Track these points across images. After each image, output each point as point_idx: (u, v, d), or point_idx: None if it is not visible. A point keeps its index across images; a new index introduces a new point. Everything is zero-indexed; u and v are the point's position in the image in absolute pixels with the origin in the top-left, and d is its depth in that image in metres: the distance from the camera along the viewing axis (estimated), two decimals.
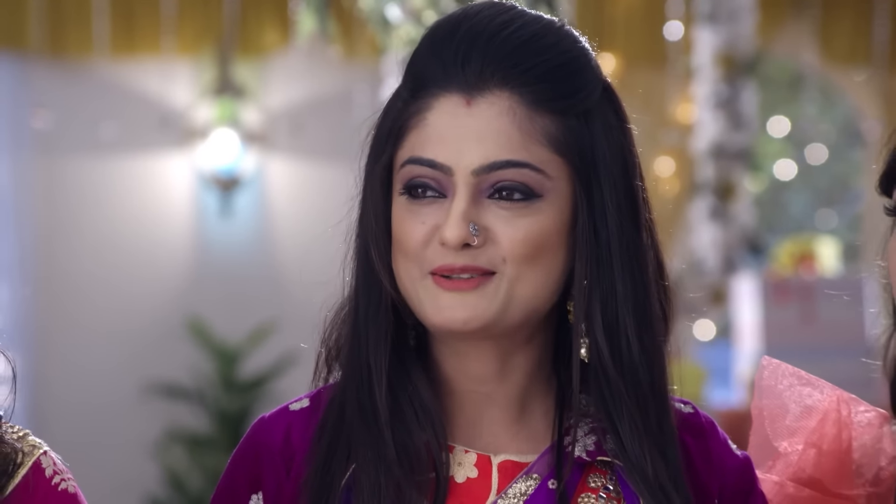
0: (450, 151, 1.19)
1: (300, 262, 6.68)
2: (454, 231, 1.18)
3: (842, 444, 1.30)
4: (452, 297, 1.19)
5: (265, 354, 6.36)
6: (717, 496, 1.24)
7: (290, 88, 6.66)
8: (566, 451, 1.22)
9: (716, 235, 5.40)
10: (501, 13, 1.22)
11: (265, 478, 1.24)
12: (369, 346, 1.21)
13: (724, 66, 5.53)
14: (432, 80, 1.20)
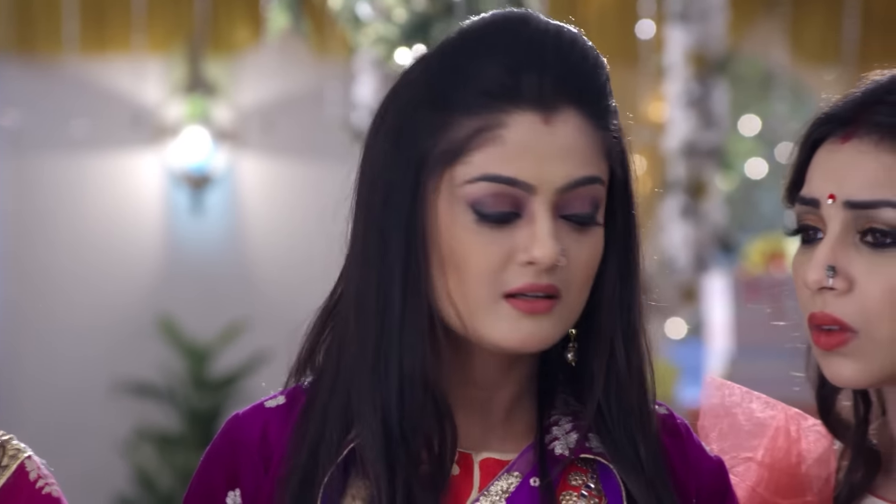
0: (533, 170, 1.17)
1: (272, 260, 6.67)
2: (548, 250, 1.16)
3: (791, 459, 1.30)
4: (530, 323, 1.18)
5: (236, 353, 6.34)
6: (695, 496, 1.24)
7: (262, 86, 6.64)
8: (548, 448, 1.22)
9: (687, 234, 5.42)
10: (549, 24, 1.21)
11: (243, 475, 1.23)
12: (404, 349, 1.18)
13: (696, 64, 5.55)
14: (499, 92, 1.17)
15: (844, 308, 1.20)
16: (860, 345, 1.20)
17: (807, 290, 1.22)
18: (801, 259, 1.24)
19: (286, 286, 6.63)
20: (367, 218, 1.21)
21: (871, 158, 1.20)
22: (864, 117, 1.21)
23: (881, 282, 1.18)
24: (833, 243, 1.20)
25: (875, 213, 1.19)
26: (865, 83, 1.25)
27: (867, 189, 1.19)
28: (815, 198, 1.22)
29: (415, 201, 1.19)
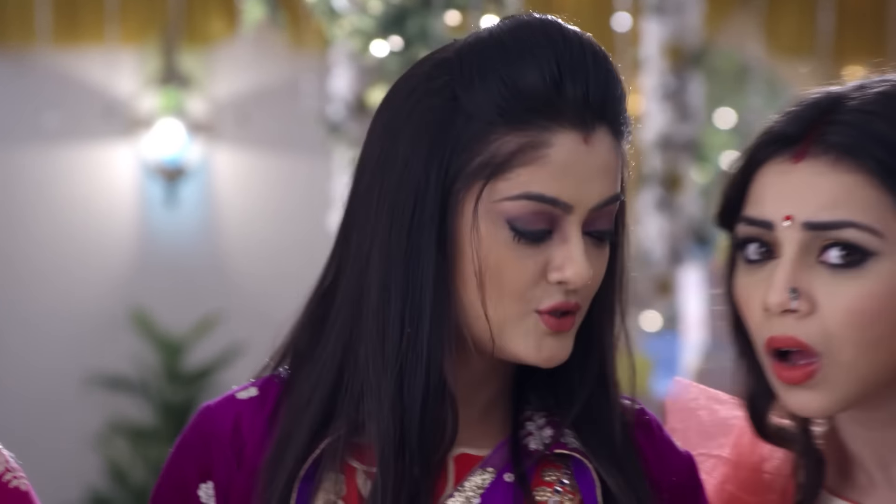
0: (572, 190, 1.17)
1: (246, 253, 6.65)
2: (581, 272, 1.17)
3: (755, 458, 1.30)
4: (556, 339, 1.18)
5: (210, 346, 6.32)
6: (666, 492, 1.24)
7: (237, 78, 6.61)
8: (522, 444, 1.22)
9: (662, 226, 5.43)
10: (578, 31, 1.20)
11: (215, 467, 1.22)
12: (431, 359, 1.17)
13: (672, 57, 5.56)
14: (545, 106, 1.16)
15: (808, 330, 1.18)
16: (826, 374, 1.18)
17: (760, 314, 1.20)
18: (749, 281, 1.21)
19: (261, 279, 6.61)
20: (397, 218, 1.18)
21: (828, 179, 1.18)
22: (814, 137, 1.19)
23: (843, 303, 1.17)
24: (793, 265, 1.18)
25: (834, 234, 1.17)
26: (805, 99, 1.23)
27: (828, 210, 1.17)
28: (768, 220, 1.19)
29: (445, 212, 1.17)
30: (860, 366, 1.18)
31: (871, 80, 1.23)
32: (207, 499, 1.22)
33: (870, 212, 1.17)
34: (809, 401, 1.19)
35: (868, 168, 1.17)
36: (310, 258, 5.70)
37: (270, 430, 1.22)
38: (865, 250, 1.17)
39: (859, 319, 1.17)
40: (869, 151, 1.17)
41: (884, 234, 1.17)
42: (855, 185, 1.18)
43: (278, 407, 1.23)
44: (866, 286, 1.17)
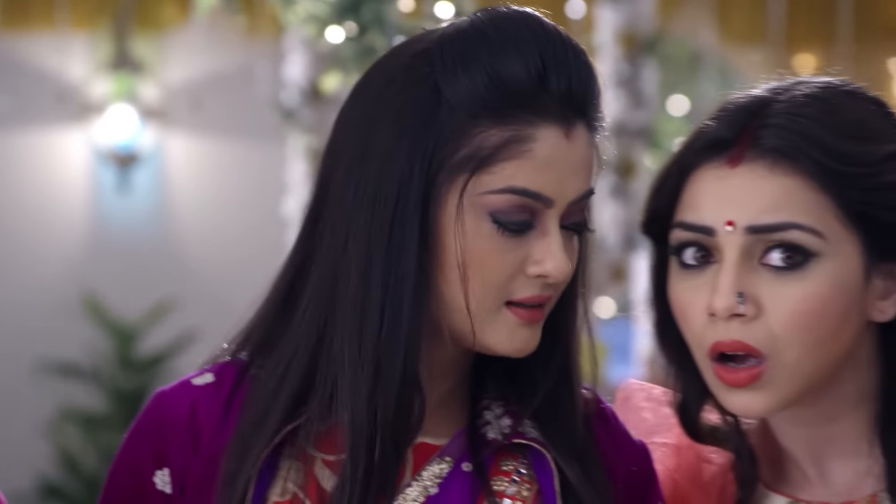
0: (554, 185, 1.17)
1: (200, 239, 6.62)
2: (561, 267, 1.17)
3: (696, 447, 1.30)
4: (528, 329, 1.19)
5: (164, 332, 6.29)
6: (621, 481, 1.24)
7: (190, 64, 6.58)
8: (480, 433, 1.22)
9: (616, 213, 5.45)
10: (563, 30, 1.20)
11: (171, 453, 1.21)
12: (409, 351, 1.17)
13: (625, 44, 5.57)
14: (532, 105, 1.16)
15: (755, 334, 1.18)
16: (772, 375, 1.18)
17: (702, 319, 1.19)
18: (687, 286, 1.21)
19: (214, 265, 6.58)
20: (378, 208, 1.18)
21: (768, 182, 1.18)
22: (748, 140, 1.19)
23: (788, 305, 1.17)
24: (736, 269, 1.18)
25: (777, 237, 1.18)
26: (731, 103, 1.23)
27: (770, 213, 1.18)
28: (708, 225, 1.19)
29: (427, 204, 1.17)
30: (804, 366, 1.19)
31: (796, 82, 1.24)
32: (163, 485, 1.21)
33: (811, 213, 1.18)
34: (753, 402, 1.19)
35: (805, 170, 1.18)
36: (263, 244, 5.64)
37: (227, 417, 1.21)
38: (808, 251, 1.18)
39: (804, 321, 1.18)
40: (806, 154, 1.18)
41: (825, 235, 1.18)
42: (794, 187, 1.18)
43: (235, 393, 1.22)
44: (810, 287, 1.18)
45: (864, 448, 1.23)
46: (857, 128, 1.20)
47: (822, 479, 1.25)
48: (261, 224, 6.10)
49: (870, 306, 1.21)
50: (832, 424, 1.24)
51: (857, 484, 1.24)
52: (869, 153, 1.20)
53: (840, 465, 1.25)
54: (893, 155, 1.21)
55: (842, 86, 1.24)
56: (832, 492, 1.25)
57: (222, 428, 1.21)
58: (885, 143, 1.21)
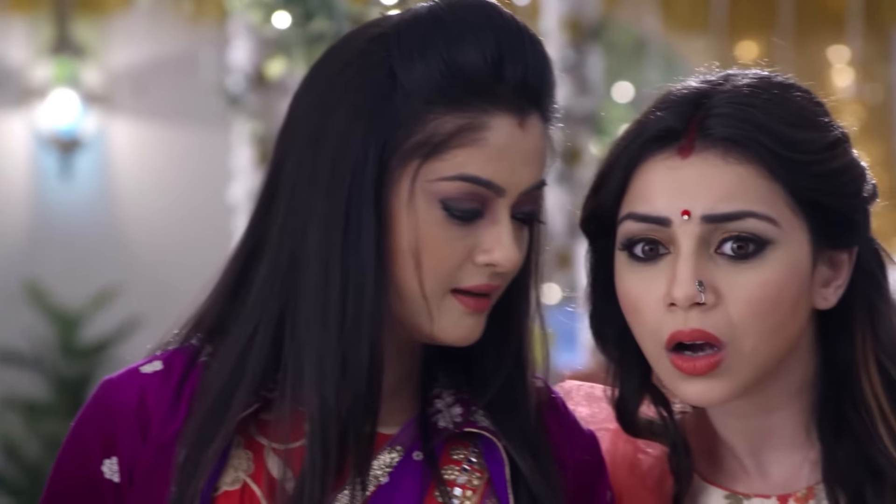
0: (506, 174, 1.17)
1: (144, 225, 6.57)
2: (511, 256, 1.17)
3: (636, 442, 1.31)
4: (473, 319, 1.19)
5: (108, 319, 6.25)
6: (571, 470, 1.24)
7: (133, 48, 6.52)
8: (430, 422, 1.22)
9: (562, 200, 5.46)
10: (516, 21, 1.19)
11: (120, 441, 1.20)
12: (374, 335, 1.17)
13: (571, 31, 5.59)
14: (487, 93, 1.16)
15: (714, 322, 1.18)
16: (729, 363, 1.19)
17: (658, 310, 1.19)
18: (640, 278, 1.21)
19: (159, 251, 6.53)
20: (331, 198, 1.17)
21: (722, 171, 1.19)
22: (696, 131, 1.20)
23: (746, 293, 1.18)
24: (694, 258, 1.18)
25: (733, 225, 1.18)
26: (672, 95, 1.23)
27: (726, 202, 1.18)
28: (663, 216, 1.19)
29: (381, 190, 1.17)
30: (760, 353, 1.19)
31: (730, 74, 1.24)
32: (111, 474, 1.20)
33: (764, 201, 1.19)
34: (710, 390, 1.19)
35: (758, 158, 1.19)
36: (209, 230, 5.62)
37: (177, 405, 1.20)
38: (764, 239, 1.18)
39: (761, 308, 1.18)
40: (757, 141, 1.19)
41: (778, 222, 1.19)
42: (748, 175, 1.19)
43: (185, 381, 1.21)
44: (766, 274, 1.18)
45: (802, 440, 1.24)
46: (800, 116, 1.21)
47: (759, 470, 1.26)
48: (206, 210, 6.06)
49: (814, 294, 1.22)
50: (771, 416, 1.24)
51: (794, 476, 1.25)
52: (815, 140, 1.21)
53: (777, 456, 1.25)
54: (838, 142, 1.22)
55: (775, 77, 1.24)
56: (769, 484, 1.25)
57: (172, 416, 1.20)
58: (828, 131, 1.22)
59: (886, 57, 6.01)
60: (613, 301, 1.25)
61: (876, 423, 1.21)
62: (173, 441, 1.19)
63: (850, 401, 1.22)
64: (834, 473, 1.22)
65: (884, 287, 1.25)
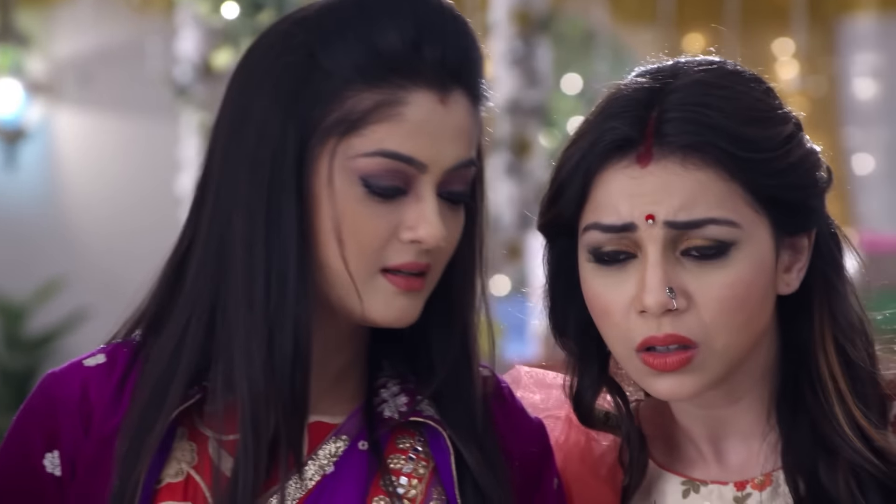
0: (428, 150, 1.16)
1: (90, 216, 6.52)
2: (435, 232, 1.16)
3: (588, 430, 1.31)
4: (405, 299, 1.18)
5: (53, 311, 6.20)
6: (518, 459, 1.25)
7: (78, 38, 6.47)
8: (376, 411, 1.22)
9: (512, 191, 5.48)
10: (443, 1, 1.19)
11: (62, 435, 1.19)
12: (299, 317, 1.16)
13: (519, 23, 5.60)
14: (401, 65, 1.16)
15: (688, 325, 1.18)
16: (702, 359, 1.19)
17: (627, 315, 1.19)
18: (606, 282, 1.21)
19: (105, 243, 6.48)
20: (256, 176, 1.17)
21: (682, 179, 1.19)
22: (653, 138, 1.20)
23: (715, 293, 1.19)
24: (662, 263, 1.19)
25: (696, 232, 1.19)
26: (622, 98, 1.23)
27: (686, 210, 1.18)
28: (629, 222, 1.19)
29: (302, 169, 1.16)
30: (732, 349, 1.20)
31: (679, 65, 1.24)
32: (53, 468, 1.19)
33: (724, 205, 1.19)
34: (682, 386, 1.20)
35: (716, 161, 1.19)
36: (156, 222, 5.61)
37: (119, 398, 1.20)
38: (726, 242, 1.19)
39: (731, 306, 1.19)
40: (714, 145, 1.19)
41: (740, 223, 1.19)
42: (707, 180, 1.19)
43: (128, 373, 1.21)
44: (733, 274, 1.19)
45: (762, 426, 1.25)
46: (754, 111, 1.22)
47: (717, 457, 1.27)
48: (153, 201, 6.02)
49: (778, 281, 1.23)
50: (735, 404, 1.25)
51: (751, 462, 1.25)
52: (771, 137, 1.21)
53: (736, 443, 1.26)
54: (792, 135, 1.23)
55: (725, 65, 1.25)
56: (727, 471, 1.26)
57: (114, 409, 1.20)
58: (782, 124, 1.23)
59: (830, 50, 6.07)
60: (573, 296, 1.25)
61: (832, 402, 1.22)
62: (115, 434, 1.18)
63: (807, 381, 1.24)
64: (792, 457, 1.23)
65: (841, 266, 1.26)
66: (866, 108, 6.05)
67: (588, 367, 1.27)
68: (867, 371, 1.24)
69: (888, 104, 6.02)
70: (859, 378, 1.23)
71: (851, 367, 1.24)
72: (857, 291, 1.26)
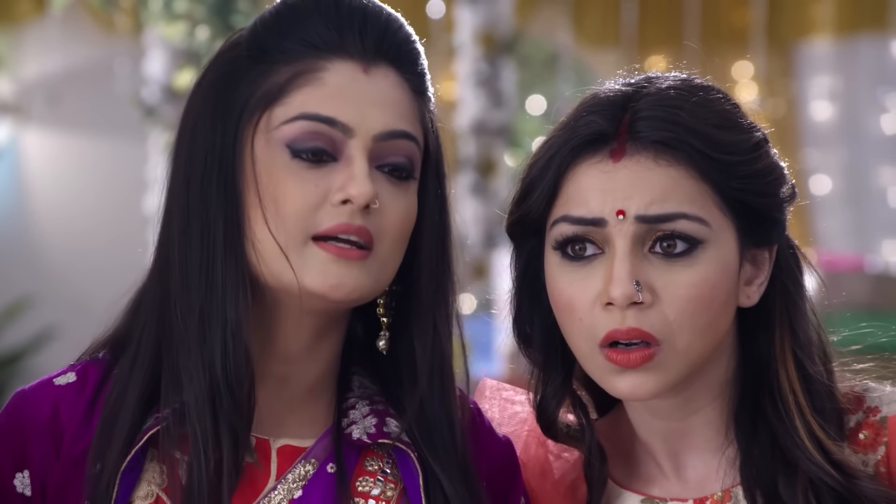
0: (352, 112, 1.17)
1: (59, 235, 6.51)
2: (363, 189, 1.15)
3: (546, 444, 1.33)
4: (340, 266, 1.16)
5: (21, 330, 6.18)
6: (485, 477, 1.25)
7: (46, 58, 6.46)
8: (345, 433, 1.22)
9: (477, 211, 5.51)
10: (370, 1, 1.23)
11: (32, 455, 1.19)
12: (227, 302, 1.16)
13: (485, 45, 5.64)
14: (322, 44, 1.18)
15: (651, 321, 1.19)
16: (663, 358, 1.20)
17: (593, 309, 1.20)
18: (573, 278, 1.22)
19: (73, 262, 6.47)
20: (190, 173, 1.19)
21: (654, 173, 1.21)
22: (626, 135, 1.21)
23: (681, 291, 1.20)
24: (630, 258, 1.20)
25: (667, 226, 1.20)
26: (597, 99, 1.24)
27: (658, 204, 1.20)
28: (599, 217, 1.20)
29: (234, 151, 1.18)
30: (692, 350, 1.21)
31: (651, 77, 1.27)
32: (23, 488, 1.19)
33: (695, 202, 1.21)
34: (642, 384, 1.20)
35: (688, 160, 1.21)
36: (124, 241, 5.64)
37: (90, 417, 1.19)
38: (695, 239, 1.20)
39: (695, 306, 1.20)
40: (688, 143, 1.21)
41: (709, 222, 1.21)
42: (679, 177, 1.21)
43: (99, 393, 1.21)
44: (700, 273, 1.20)
45: (720, 441, 1.26)
46: (724, 118, 1.24)
47: (676, 473, 1.28)
48: (121, 221, 6.03)
49: (739, 292, 1.24)
50: (693, 416, 1.26)
51: (710, 478, 1.27)
52: (740, 142, 1.23)
53: (695, 459, 1.27)
54: (761, 143, 1.26)
55: (695, 79, 1.27)
56: (686, 487, 1.27)
57: (85, 429, 1.19)
58: (750, 133, 1.25)
59: (788, 73, 6.14)
60: (539, 302, 1.26)
61: (792, 415, 1.23)
62: (86, 454, 1.18)
63: (767, 395, 1.25)
64: (751, 472, 1.24)
65: (801, 284, 1.28)
66: (823, 129, 6.13)
67: (552, 377, 1.28)
68: (825, 385, 1.25)
69: (844, 126, 6.10)
70: (817, 392, 1.25)
71: (809, 382, 1.25)
72: (815, 308, 1.29)
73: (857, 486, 1.21)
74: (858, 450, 1.24)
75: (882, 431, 1.25)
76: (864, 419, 1.25)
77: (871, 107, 6.07)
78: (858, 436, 1.25)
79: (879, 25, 5.96)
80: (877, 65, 6.05)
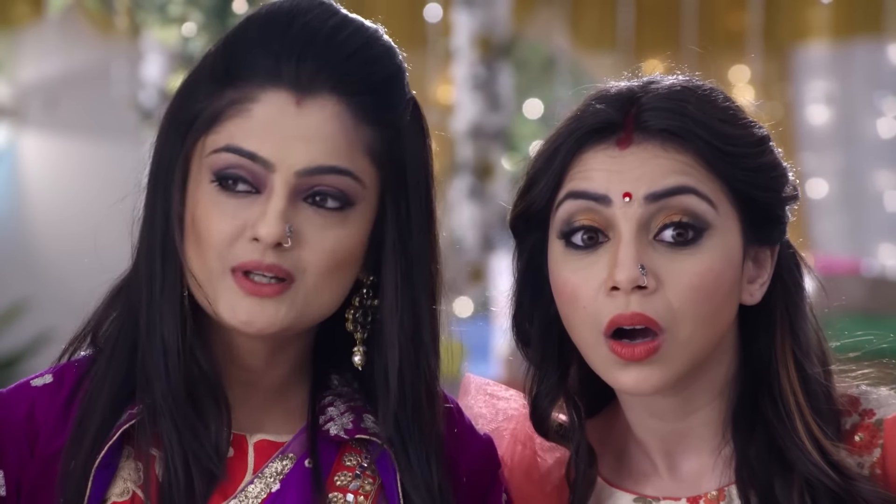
0: (275, 148, 1.17)
1: (56, 239, 6.52)
2: (272, 229, 1.15)
3: (531, 445, 1.33)
4: (252, 303, 1.17)
5: (18, 333, 6.18)
6: (466, 475, 1.26)
7: (44, 61, 6.47)
8: (321, 430, 1.23)
9: (474, 214, 5.52)
10: (332, 15, 1.21)
11: (7, 455, 1.20)
12: (164, 319, 1.18)
13: (482, 48, 5.65)
14: (260, 70, 1.18)
15: (655, 307, 1.19)
16: (667, 349, 1.20)
17: (597, 296, 1.20)
18: (578, 266, 1.22)
19: (70, 266, 6.47)
20: (148, 192, 1.23)
21: (663, 159, 1.21)
22: (634, 123, 1.22)
23: (685, 279, 1.20)
24: (635, 242, 1.20)
25: (676, 202, 1.20)
26: (604, 91, 1.25)
27: (668, 178, 1.20)
28: (603, 193, 1.20)
29: (180, 166, 1.20)
30: (695, 342, 1.21)
31: (655, 78, 1.27)
32: None
33: (705, 185, 1.21)
34: (647, 377, 1.20)
35: (696, 149, 1.22)
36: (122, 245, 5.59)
37: (66, 416, 1.21)
38: (703, 221, 1.21)
39: (699, 294, 1.20)
40: (695, 133, 1.22)
41: (717, 205, 1.21)
42: (687, 163, 1.22)
43: (75, 393, 1.22)
44: (705, 261, 1.21)
45: (717, 441, 1.27)
46: (729, 114, 1.25)
47: (670, 472, 1.28)
48: (119, 225, 6.03)
49: (741, 289, 1.25)
50: (692, 417, 1.27)
51: (705, 477, 1.27)
52: (746, 136, 1.24)
53: (689, 458, 1.28)
54: (765, 139, 1.27)
55: (696, 80, 1.28)
56: (680, 485, 1.28)
57: (61, 428, 1.21)
58: (754, 129, 1.26)
59: (784, 77, 6.16)
60: (540, 298, 1.26)
61: (793, 416, 1.24)
62: (60, 453, 1.20)
63: (767, 396, 1.25)
64: (746, 472, 1.24)
65: (801, 286, 1.29)
66: (820, 133, 6.14)
67: (547, 375, 1.28)
68: (823, 386, 1.26)
69: (841, 130, 6.12)
70: (815, 393, 1.26)
71: (808, 383, 1.26)
72: (814, 311, 1.29)
73: (854, 487, 1.22)
74: (854, 451, 1.24)
75: (878, 434, 1.25)
76: (859, 421, 1.26)
77: (868, 111, 6.08)
78: (854, 437, 1.26)
79: (876, 30, 5.98)
80: (873, 69, 6.06)
